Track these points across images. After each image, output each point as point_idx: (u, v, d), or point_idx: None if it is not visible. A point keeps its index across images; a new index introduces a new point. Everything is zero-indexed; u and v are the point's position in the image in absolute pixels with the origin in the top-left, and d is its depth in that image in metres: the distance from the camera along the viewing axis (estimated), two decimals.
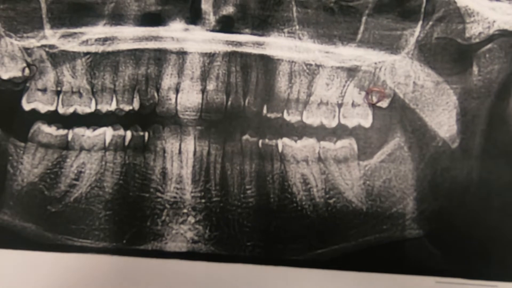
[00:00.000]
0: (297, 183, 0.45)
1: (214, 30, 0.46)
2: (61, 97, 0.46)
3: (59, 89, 0.46)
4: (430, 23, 0.46)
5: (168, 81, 0.46)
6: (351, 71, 0.46)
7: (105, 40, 0.46)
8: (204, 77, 0.46)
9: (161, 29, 0.46)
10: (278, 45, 0.46)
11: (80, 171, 0.45)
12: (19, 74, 0.46)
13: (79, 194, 0.45)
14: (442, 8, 0.46)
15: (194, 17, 0.46)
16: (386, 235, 0.44)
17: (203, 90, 0.46)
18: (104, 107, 0.46)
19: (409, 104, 0.46)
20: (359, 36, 0.46)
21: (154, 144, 0.45)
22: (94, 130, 0.46)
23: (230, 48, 0.46)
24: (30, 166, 0.45)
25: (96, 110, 0.46)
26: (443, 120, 0.45)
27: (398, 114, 0.46)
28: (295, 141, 0.46)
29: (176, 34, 0.46)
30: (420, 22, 0.46)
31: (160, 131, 0.45)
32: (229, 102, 0.46)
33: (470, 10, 0.46)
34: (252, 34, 0.46)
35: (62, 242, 0.44)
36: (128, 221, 0.44)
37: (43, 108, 0.46)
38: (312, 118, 0.46)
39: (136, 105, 0.46)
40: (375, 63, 0.46)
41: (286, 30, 0.46)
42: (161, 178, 0.45)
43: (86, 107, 0.46)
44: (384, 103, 0.46)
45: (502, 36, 0.46)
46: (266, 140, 0.46)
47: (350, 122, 0.46)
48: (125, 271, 0.44)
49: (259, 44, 0.46)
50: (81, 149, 0.45)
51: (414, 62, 0.46)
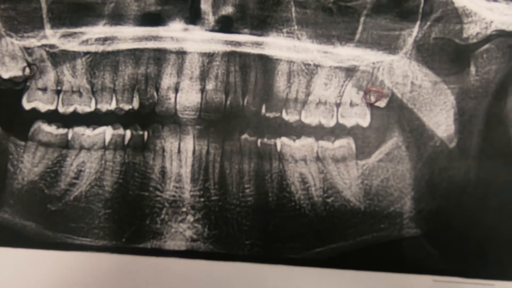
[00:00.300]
0: (295, 182, 0.45)
1: (213, 30, 0.46)
2: (61, 96, 0.46)
3: (59, 88, 0.46)
4: (428, 24, 0.46)
5: (167, 80, 0.46)
6: (349, 71, 0.46)
7: (105, 40, 0.46)
8: (203, 76, 0.46)
9: (160, 29, 0.46)
10: (277, 45, 0.46)
11: (80, 170, 0.45)
12: (20, 73, 0.47)
13: (79, 193, 0.45)
14: (440, 8, 0.46)
15: (194, 17, 0.46)
16: (384, 234, 0.44)
17: (202, 90, 0.46)
18: (104, 107, 0.46)
19: (407, 104, 0.46)
20: (357, 36, 0.46)
21: (153, 143, 0.45)
22: (94, 129, 0.46)
23: (229, 48, 0.46)
24: (30, 164, 0.45)
25: (96, 109, 0.46)
26: (441, 120, 0.45)
27: (396, 114, 0.46)
28: (294, 140, 0.46)
29: (175, 34, 0.46)
30: (418, 23, 0.46)
31: (159, 130, 0.46)
32: (228, 102, 0.46)
33: (468, 10, 0.46)
34: (251, 34, 0.46)
35: (62, 240, 0.44)
36: (127, 219, 0.45)
37: (44, 107, 0.46)
38: (310, 117, 0.46)
39: (135, 104, 0.46)
40: (373, 63, 0.46)
41: (285, 30, 0.46)
42: (160, 177, 0.45)
43: (86, 107, 0.46)
44: (382, 103, 0.46)
45: (500, 36, 0.46)
46: (265, 139, 0.46)
47: (348, 122, 0.46)
48: (124, 269, 0.44)
49: (258, 44, 0.46)
50: (81, 148, 0.46)
51: (412, 62, 0.46)
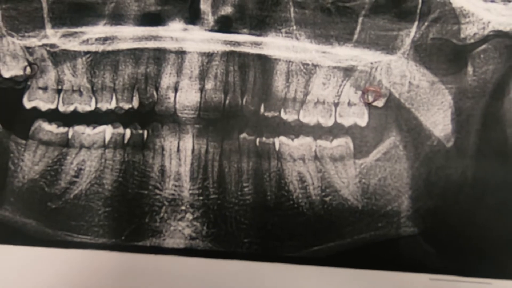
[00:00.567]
0: (293, 181, 0.45)
1: (212, 30, 0.46)
2: (61, 95, 0.47)
3: (60, 87, 0.47)
4: (426, 24, 0.46)
5: (167, 80, 0.46)
6: (348, 71, 0.46)
7: (105, 39, 0.47)
8: (202, 76, 0.46)
9: (160, 29, 0.47)
10: (275, 45, 0.46)
11: (80, 168, 0.45)
12: (21, 72, 0.47)
13: (79, 191, 0.45)
14: (438, 9, 0.46)
15: (193, 17, 0.46)
16: (381, 233, 0.44)
17: (202, 89, 0.46)
18: (104, 106, 0.46)
19: (404, 103, 0.46)
20: (356, 36, 0.46)
21: (153, 142, 0.46)
22: (94, 128, 0.46)
23: (228, 47, 0.46)
24: (31, 163, 0.46)
25: (96, 108, 0.46)
26: (438, 119, 0.45)
27: (394, 114, 0.46)
28: (292, 139, 0.46)
29: (175, 34, 0.46)
30: (415, 23, 0.46)
31: (159, 129, 0.46)
32: (227, 101, 0.46)
33: (465, 11, 0.46)
34: (250, 34, 0.46)
35: (62, 238, 0.45)
36: (127, 217, 0.45)
37: (44, 106, 0.46)
38: (308, 117, 0.46)
39: (135, 103, 0.46)
40: (371, 63, 0.46)
41: (283, 30, 0.46)
42: (159, 175, 0.45)
43: (86, 106, 0.46)
44: (380, 103, 0.46)
45: (497, 36, 0.46)
46: (264, 138, 0.46)
47: (346, 121, 0.46)
48: (123, 267, 0.44)
49: (257, 44, 0.46)
50: (81, 146, 0.46)
51: (410, 62, 0.46)
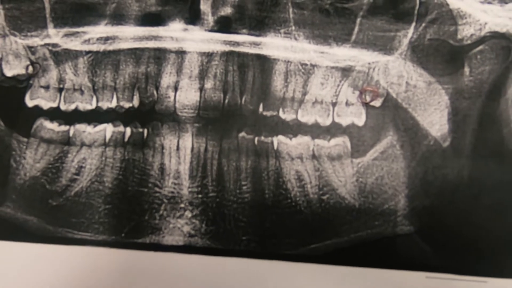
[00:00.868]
0: (291, 180, 0.45)
1: (212, 30, 0.47)
2: (63, 94, 0.47)
3: (62, 86, 0.47)
4: (423, 25, 0.46)
5: (167, 79, 0.47)
6: (345, 71, 0.47)
7: (106, 39, 0.47)
8: (202, 75, 0.46)
9: (161, 29, 0.47)
10: (274, 45, 0.47)
11: (80, 166, 0.46)
12: (23, 71, 0.47)
13: (80, 188, 0.45)
14: (435, 10, 0.46)
15: (193, 17, 0.47)
16: (378, 231, 0.45)
17: (201, 89, 0.46)
18: (104, 104, 0.47)
19: (401, 103, 0.46)
20: (354, 37, 0.47)
21: (153, 140, 0.46)
22: (95, 126, 0.46)
23: (227, 47, 0.47)
24: (32, 160, 0.46)
25: (97, 107, 0.47)
26: (435, 119, 0.46)
27: (391, 113, 0.46)
28: (290, 138, 0.46)
29: (175, 34, 0.47)
30: (413, 24, 0.47)
31: (159, 128, 0.46)
32: (226, 100, 0.46)
33: (462, 12, 0.46)
34: (249, 34, 0.47)
35: (62, 234, 0.45)
36: (127, 215, 0.45)
37: (46, 104, 0.47)
38: (307, 116, 0.46)
39: (136, 102, 0.47)
40: (369, 63, 0.47)
41: (282, 31, 0.47)
42: (159, 173, 0.45)
43: (87, 104, 0.47)
44: (377, 103, 0.46)
45: (493, 38, 0.46)
46: (262, 137, 0.46)
47: (344, 121, 0.46)
48: (123, 264, 0.44)
49: (256, 44, 0.47)
50: (82, 144, 0.46)
51: (407, 63, 0.46)
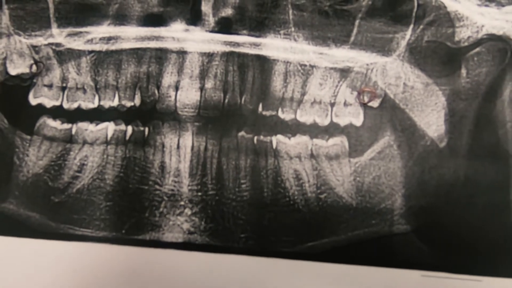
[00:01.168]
0: (290, 179, 0.46)
1: (213, 31, 0.47)
2: (66, 93, 0.47)
3: (64, 85, 0.47)
4: (421, 27, 0.47)
5: (168, 79, 0.47)
6: (344, 72, 0.47)
7: (109, 39, 0.47)
8: (202, 75, 0.47)
9: (162, 29, 0.47)
10: (274, 46, 0.47)
11: (82, 164, 0.46)
12: (27, 70, 0.48)
13: (81, 186, 0.46)
14: (433, 12, 0.47)
15: (194, 18, 0.47)
16: (375, 230, 0.45)
17: (202, 88, 0.47)
18: (106, 103, 0.47)
19: (399, 104, 0.46)
20: (352, 38, 0.47)
21: (153, 139, 0.46)
22: (97, 124, 0.47)
23: (228, 48, 0.47)
24: (35, 158, 0.46)
25: (99, 105, 0.47)
26: (432, 120, 0.46)
27: (389, 114, 0.46)
28: (289, 138, 0.46)
29: (176, 34, 0.47)
30: (411, 26, 0.47)
31: (159, 127, 0.46)
32: (226, 100, 0.47)
33: (460, 15, 0.47)
34: (249, 35, 0.47)
35: (64, 231, 0.45)
36: (127, 212, 0.46)
37: (49, 103, 0.47)
38: (305, 116, 0.47)
39: (137, 101, 0.47)
40: (367, 65, 0.47)
41: (282, 32, 0.47)
42: (159, 171, 0.46)
43: (89, 103, 0.47)
44: (375, 103, 0.47)
45: (490, 40, 0.46)
46: (261, 136, 0.46)
47: (342, 121, 0.47)
48: (123, 260, 0.45)
49: (256, 45, 0.47)
50: (84, 142, 0.47)
51: (405, 64, 0.47)
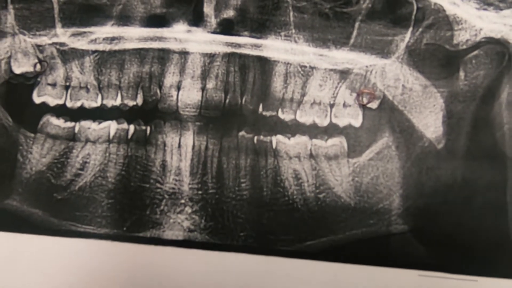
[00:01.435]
0: (289, 178, 0.46)
1: (215, 32, 0.47)
2: (69, 91, 0.48)
3: (68, 84, 0.48)
4: (420, 30, 0.47)
5: (170, 79, 0.47)
6: (344, 74, 0.47)
7: (112, 39, 0.48)
8: (204, 76, 0.47)
9: (165, 30, 0.48)
10: (275, 47, 0.47)
11: (85, 162, 0.47)
12: (31, 69, 0.48)
13: (84, 183, 0.46)
14: (432, 15, 0.47)
15: (197, 19, 0.47)
16: (373, 230, 0.45)
17: (203, 88, 0.47)
18: (109, 102, 0.48)
19: (397, 105, 0.47)
20: (352, 40, 0.47)
21: (155, 138, 0.47)
22: (100, 123, 0.47)
23: (229, 49, 0.47)
24: (38, 155, 0.47)
25: (102, 104, 0.48)
26: (430, 121, 0.46)
27: (387, 115, 0.47)
28: (289, 138, 0.47)
29: (179, 35, 0.47)
30: (410, 29, 0.47)
31: (161, 126, 0.47)
32: (227, 100, 0.47)
33: (458, 18, 0.47)
34: (250, 36, 0.47)
35: (66, 227, 0.46)
36: (128, 209, 0.46)
37: (53, 101, 0.48)
38: (305, 117, 0.47)
39: (139, 101, 0.47)
40: (367, 66, 0.47)
41: (283, 34, 0.47)
42: (161, 170, 0.46)
43: (92, 102, 0.48)
44: (374, 104, 0.47)
45: (488, 43, 0.47)
46: (261, 136, 0.47)
47: (341, 122, 0.47)
48: (124, 257, 0.45)
49: (257, 46, 0.47)
50: (86, 141, 0.47)
51: (404, 66, 0.47)
